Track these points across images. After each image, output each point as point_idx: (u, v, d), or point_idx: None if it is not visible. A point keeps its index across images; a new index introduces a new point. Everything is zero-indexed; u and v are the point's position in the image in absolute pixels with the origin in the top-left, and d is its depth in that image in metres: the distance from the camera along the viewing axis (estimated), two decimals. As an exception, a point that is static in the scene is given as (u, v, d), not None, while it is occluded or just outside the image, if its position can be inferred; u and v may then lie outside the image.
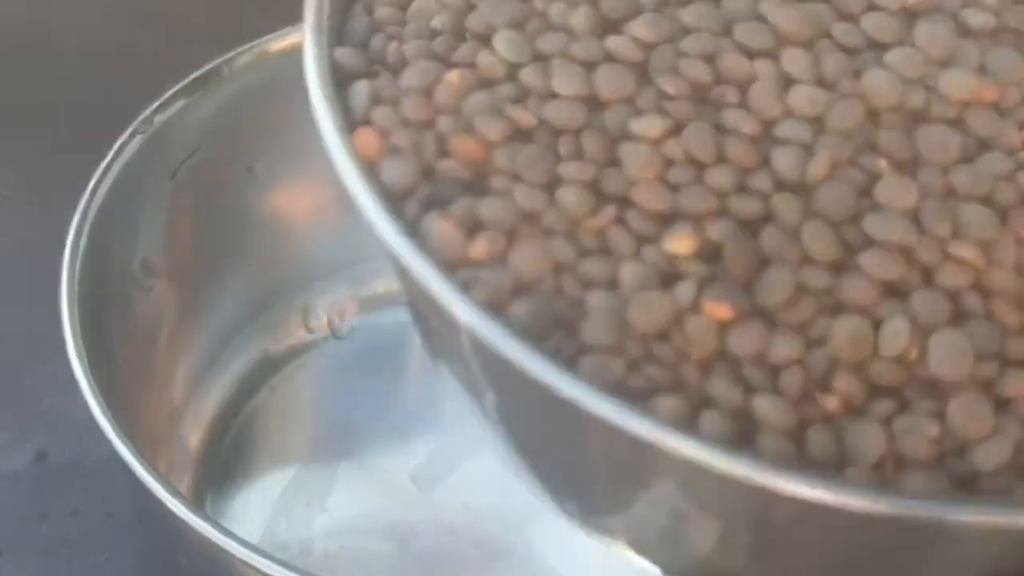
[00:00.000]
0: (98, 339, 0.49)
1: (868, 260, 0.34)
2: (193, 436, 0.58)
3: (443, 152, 0.37)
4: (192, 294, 0.58)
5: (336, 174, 0.37)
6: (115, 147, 0.53)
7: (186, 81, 0.56)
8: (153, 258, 0.55)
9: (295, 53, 0.40)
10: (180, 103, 0.56)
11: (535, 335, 0.35)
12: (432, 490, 0.57)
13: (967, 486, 0.34)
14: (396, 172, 0.37)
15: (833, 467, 0.34)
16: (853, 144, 0.35)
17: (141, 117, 0.54)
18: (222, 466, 0.58)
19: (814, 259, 0.34)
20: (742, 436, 0.34)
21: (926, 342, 0.34)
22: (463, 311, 0.35)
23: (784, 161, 0.35)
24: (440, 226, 0.36)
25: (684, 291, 0.35)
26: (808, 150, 0.35)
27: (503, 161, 0.36)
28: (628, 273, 0.35)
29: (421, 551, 0.55)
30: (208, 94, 0.57)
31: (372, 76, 0.39)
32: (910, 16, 0.38)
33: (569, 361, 0.34)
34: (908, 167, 0.35)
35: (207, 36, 0.61)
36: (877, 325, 0.34)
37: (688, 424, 0.34)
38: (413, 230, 0.36)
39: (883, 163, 0.35)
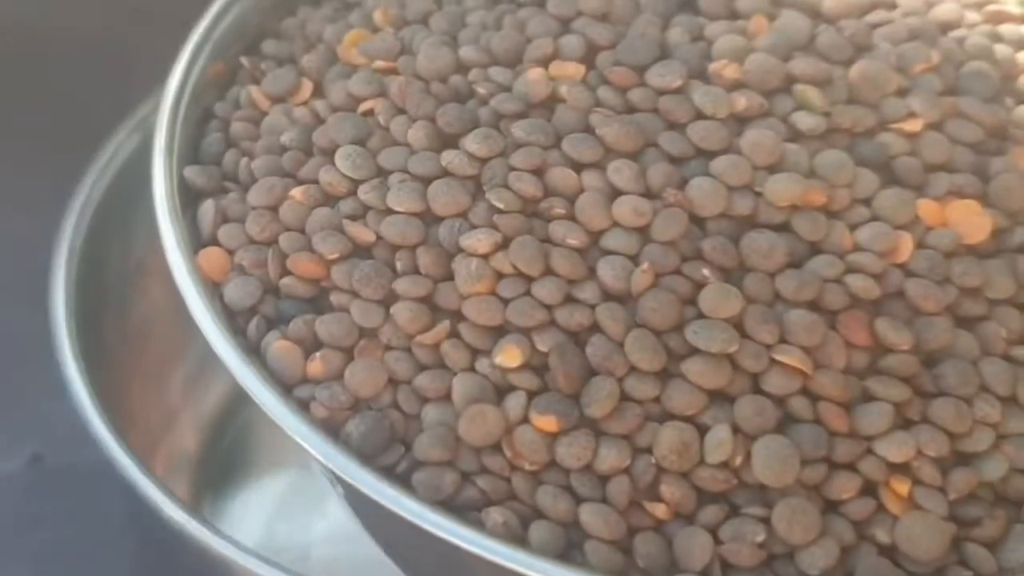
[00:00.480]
0: (93, 340, 0.49)
1: (692, 368, 0.35)
2: (192, 438, 0.57)
3: (285, 270, 0.38)
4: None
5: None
6: (111, 147, 0.53)
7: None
8: (148, 258, 0.53)
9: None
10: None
11: (368, 453, 0.35)
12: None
13: (796, 589, 0.34)
14: (238, 292, 0.38)
15: (661, 574, 0.34)
16: (678, 253, 0.36)
17: (137, 117, 0.53)
18: (221, 468, 0.57)
19: (639, 368, 0.35)
20: (571, 545, 0.34)
21: (750, 448, 0.34)
22: (297, 435, 0.35)
23: (609, 272, 0.36)
24: (279, 346, 0.37)
25: (514, 403, 0.35)
26: (633, 260, 0.36)
27: (340, 278, 0.37)
28: (459, 386, 0.35)
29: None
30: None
31: (222, 193, 0.40)
32: (740, 122, 0.38)
33: (403, 477, 0.35)
34: (733, 274, 0.36)
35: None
36: (703, 432, 0.35)
37: (517, 536, 0.34)
38: (255, 350, 0.37)
39: (706, 271, 0.35)
